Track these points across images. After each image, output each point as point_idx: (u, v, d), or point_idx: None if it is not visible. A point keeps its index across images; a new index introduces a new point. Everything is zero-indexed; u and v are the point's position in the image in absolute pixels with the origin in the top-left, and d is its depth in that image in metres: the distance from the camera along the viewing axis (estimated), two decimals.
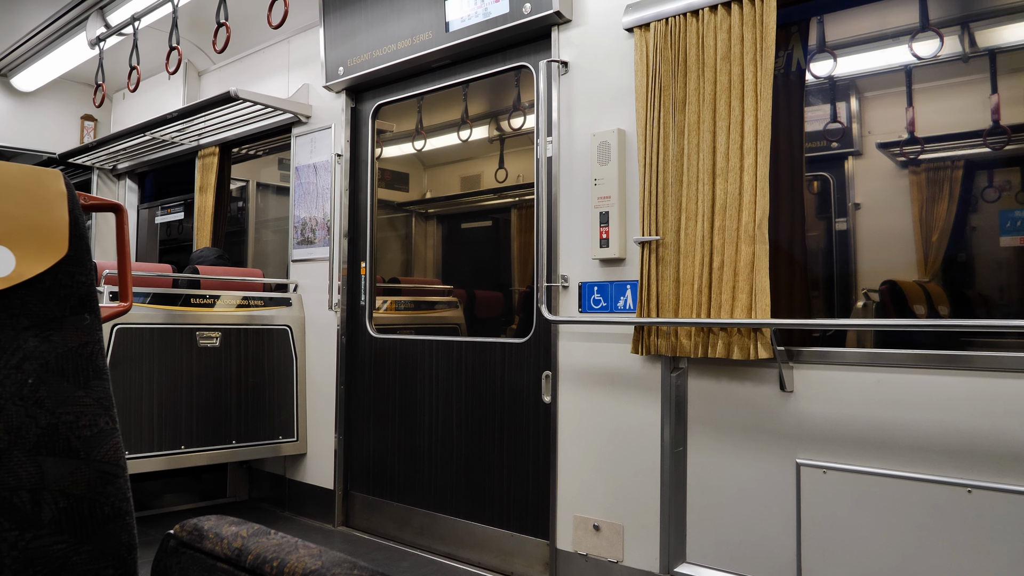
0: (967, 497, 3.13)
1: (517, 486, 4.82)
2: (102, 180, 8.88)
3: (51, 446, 1.56)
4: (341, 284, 5.94)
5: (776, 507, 3.69)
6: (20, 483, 1.50)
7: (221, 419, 5.63)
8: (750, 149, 3.66)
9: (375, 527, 5.71)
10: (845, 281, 4.30)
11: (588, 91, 4.48)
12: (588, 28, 4.50)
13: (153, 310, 5.33)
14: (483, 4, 4.82)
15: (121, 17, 6.54)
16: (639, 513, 4.17)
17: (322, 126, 6.17)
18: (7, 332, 1.56)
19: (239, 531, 1.58)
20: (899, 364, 3.37)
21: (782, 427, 3.69)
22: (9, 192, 1.63)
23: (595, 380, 4.37)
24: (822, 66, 4.18)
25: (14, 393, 1.54)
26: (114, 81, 8.20)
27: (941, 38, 3.87)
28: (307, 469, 6.15)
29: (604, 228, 4.26)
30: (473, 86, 5.72)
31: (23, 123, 8.66)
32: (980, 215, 4.02)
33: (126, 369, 5.13)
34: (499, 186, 7.11)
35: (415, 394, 5.46)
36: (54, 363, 1.61)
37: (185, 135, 7.24)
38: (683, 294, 3.87)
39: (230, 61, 7.36)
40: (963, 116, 4.06)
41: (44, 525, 1.52)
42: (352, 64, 5.71)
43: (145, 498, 6.34)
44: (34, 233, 1.63)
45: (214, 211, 7.21)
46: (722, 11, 3.81)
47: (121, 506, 1.63)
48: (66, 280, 1.66)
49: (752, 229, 3.63)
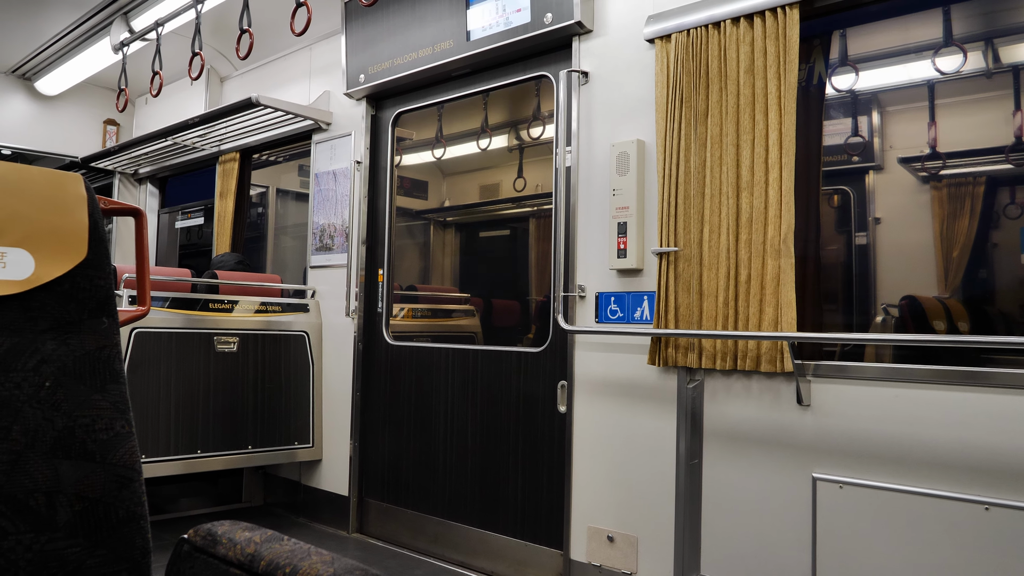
0: (984, 514, 3.11)
1: (531, 496, 4.81)
2: (123, 184, 8.93)
3: (67, 449, 1.56)
4: (358, 291, 5.94)
5: (792, 521, 3.67)
6: (36, 485, 1.51)
7: (237, 424, 5.64)
8: (775, 163, 3.65)
9: (389, 534, 5.71)
10: (865, 296, 4.28)
11: (608, 101, 4.48)
12: (609, 39, 4.50)
13: (171, 314, 5.35)
14: (504, 13, 4.82)
15: (145, 22, 6.57)
16: (654, 525, 4.16)
17: (342, 133, 6.18)
18: (25, 335, 1.57)
19: (252, 536, 1.58)
20: (917, 379, 3.35)
21: (799, 441, 3.67)
22: (29, 195, 1.63)
23: (611, 391, 4.36)
24: (844, 79, 4.17)
25: (31, 396, 1.54)
26: (137, 86, 8.24)
27: (965, 53, 3.85)
28: (322, 475, 6.15)
29: (622, 238, 4.25)
30: (493, 95, 5.73)
31: (46, 127, 8.71)
32: (1001, 232, 4.00)
33: (144, 373, 5.14)
34: (517, 195, 7.12)
35: (430, 402, 5.46)
36: (71, 366, 1.61)
37: (206, 140, 7.26)
38: (706, 306, 3.86)
39: (252, 67, 7.38)
40: (985, 132, 4.04)
41: (59, 528, 1.52)
42: (373, 72, 5.72)
43: (161, 502, 6.35)
44: (54, 236, 1.64)
45: (234, 216, 7.23)
46: (744, 24, 3.80)
47: (136, 510, 1.63)
48: (85, 283, 1.67)
49: (778, 243, 3.62)
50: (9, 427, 1.50)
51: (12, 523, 1.47)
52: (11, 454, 1.50)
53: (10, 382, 1.52)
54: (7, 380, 1.52)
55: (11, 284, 1.57)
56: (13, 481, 1.49)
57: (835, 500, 3.49)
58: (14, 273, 1.58)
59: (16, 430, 1.51)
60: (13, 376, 1.53)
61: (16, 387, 1.53)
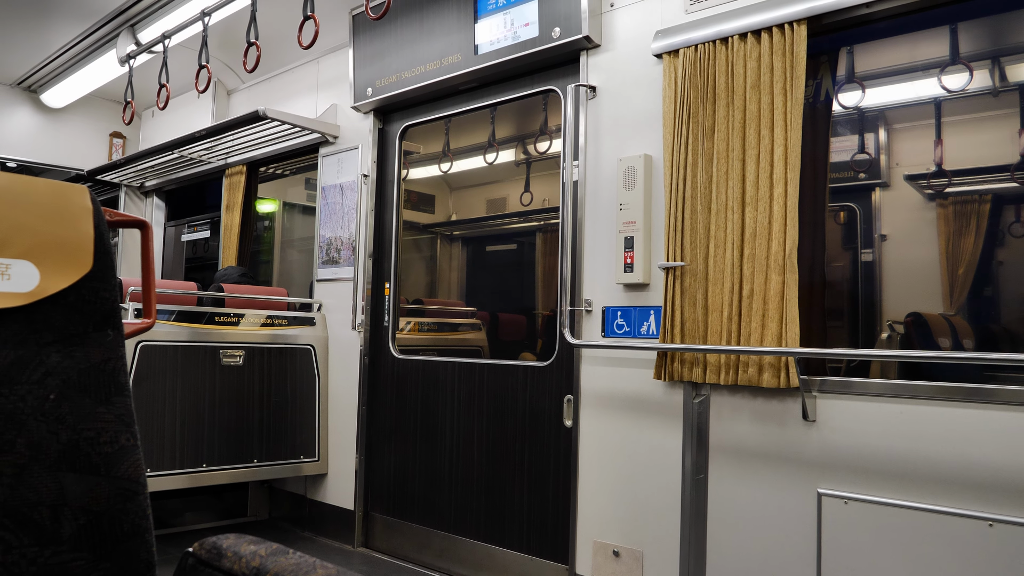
0: (988, 531, 3.10)
1: (537, 510, 4.80)
2: (130, 198, 8.94)
3: (72, 462, 1.56)
4: (365, 304, 5.94)
5: (797, 536, 3.66)
6: (40, 499, 1.50)
7: (243, 438, 5.63)
8: (780, 178, 3.65)
9: (395, 548, 5.69)
10: (870, 312, 4.28)
11: (615, 116, 4.48)
12: (617, 53, 4.51)
13: (177, 328, 5.35)
14: (512, 27, 4.83)
15: (152, 35, 6.57)
16: (659, 540, 4.14)
17: (349, 146, 6.19)
18: (30, 347, 1.56)
19: (257, 550, 1.57)
20: (922, 396, 3.34)
21: (804, 456, 3.66)
22: (35, 207, 1.63)
23: (617, 405, 4.36)
24: (851, 96, 4.17)
25: (36, 408, 1.54)
26: (143, 99, 8.25)
27: (971, 72, 3.85)
28: (328, 489, 6.15)
29: (629, 253, 4.25)
30: (500, 109, 5.73)
31: (52, 139, 8.72)
32: (1007, 249, 3.99)
33: (149, 386, 5.14)
34: (524, 209, 7.12)
35: (436, 416, 5.45)
36: (76, 379, 1.61)
37: (213, 154, 7.27)
38: (711, 321, 3.86)
39: (259, 80, 7.40)
40: (991, 150, 4.04)
41: (64, 541, 1.51)
42: (380, 85, 5.73)
43: (166, 516, 6.34)
44: (59, 248, 1.63)
45: (240, 230, 7.24)
46: (752, 39, 3.81)
47: (141, 523, 1.63)
48: (90, 296, 1.66)
49: (782, 258, 3.62)
50: (13, 440, 1.50)
51: (16, 536, 1.46)
52: (15, 467, 1.49)
53: (15, 395, 1.52)
54: (12, 393, 1.52)
55: (16, 296, 1.57)
56: (17, 494, 1.48)
57: (840, 516, 3.48)
58: (19, 285, 1.57)
59: (20, 443, 1.50)
60: (18, 389, 1.53)
61: (21, 400, 1.52)
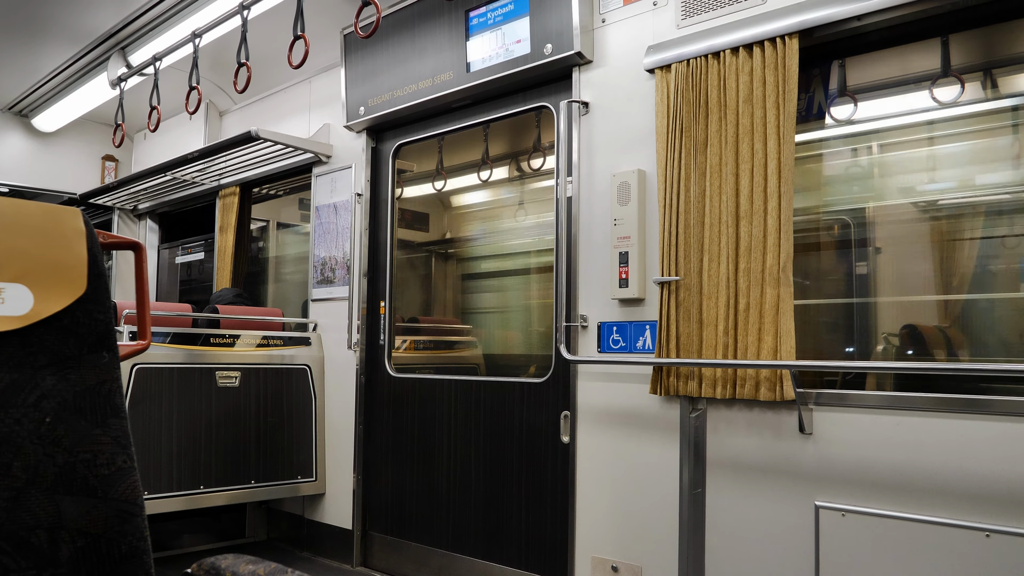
0: (985, 541, 3.11)
1: (535, 526, 4.79)
2: (123, 220, 8.93)
3: (68, 485, 1.55)
4: (360, 323, 5.93)
5: (795, 549, 3.66)
6: (38, 522, 1.50)
7: (240, 459, 5.62)
8: (773, 192, 3.66)
9: (393, 567, 5.67)
10: (864, 324, 4.27)
11: (608, 132, 4.49)
12: (609, 69, 4.52)
13: (173, 350, 5.34)
14: (504, 44, 4.84)
15: (142, 57, 6.58)
16: (657, 554, 4.14)
17: (342, 166, 6.19)
18: (25, 370, 1.56)
19: (256, 570, 1.57)
20: (918, 407, 3.35)
21: (801, 469, 3.66)
22: (28, 230, 1.63)
23: (613, 420, 4.35)
24: (843, 110, 4.18)
25: (32, 432, 1.53)
26: (135, 121, 8.25)
27: (962, 84, 3.86)
28: (326, 509, 6.13)
29: (623, 268, 4.25)
30: (494, 126, 5.74)
31: (44, 164, 8.72)
32: (1001, 261, 3.99)
33: (145, 409, 5.13)
34: (518, 226, 7.12)
35: (433, 434, 5.44)
36: (72, 401, 1.60)
37: (206, 175, 7.28)
38: (706, 335, 3.86)
39: (251, 101, 7.41)
40: (985, 162, 4.04)
41: (62, 564, 1.51)
42: (373, 104, 5.74)
43: (164, 539, 6.31)
44: (52, 271, 1.63)
45: (234, 251, 7.23)
46: (744, 53, 3.82)
47: (138, 545, 1.62)
48: (84, 318, 1.66)
49: (777, 272, 3.62)
50: (10, 463, 1.49)
51: (14, 560, 1.46)
52: (12, 491, 1.49)
53: (10, 418, 1.51)
54: (7, 416, 1.51)
55: (10, 320, 1.56)
56: (14, 518, 1.48)
57: (838, 528, 3.48)
58: (13, 309, 1.57)
59: (17, 466, 1.50)
60: (13, 412, 1.52)
61: (16, 423, 1.52)
